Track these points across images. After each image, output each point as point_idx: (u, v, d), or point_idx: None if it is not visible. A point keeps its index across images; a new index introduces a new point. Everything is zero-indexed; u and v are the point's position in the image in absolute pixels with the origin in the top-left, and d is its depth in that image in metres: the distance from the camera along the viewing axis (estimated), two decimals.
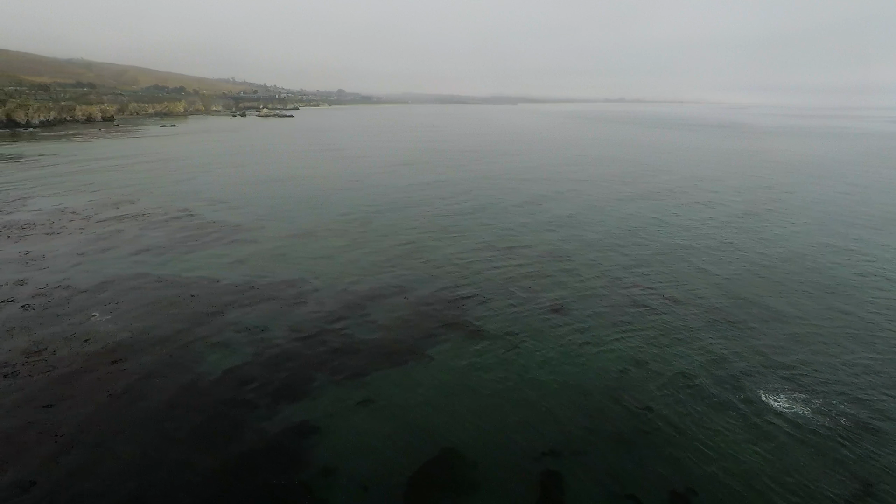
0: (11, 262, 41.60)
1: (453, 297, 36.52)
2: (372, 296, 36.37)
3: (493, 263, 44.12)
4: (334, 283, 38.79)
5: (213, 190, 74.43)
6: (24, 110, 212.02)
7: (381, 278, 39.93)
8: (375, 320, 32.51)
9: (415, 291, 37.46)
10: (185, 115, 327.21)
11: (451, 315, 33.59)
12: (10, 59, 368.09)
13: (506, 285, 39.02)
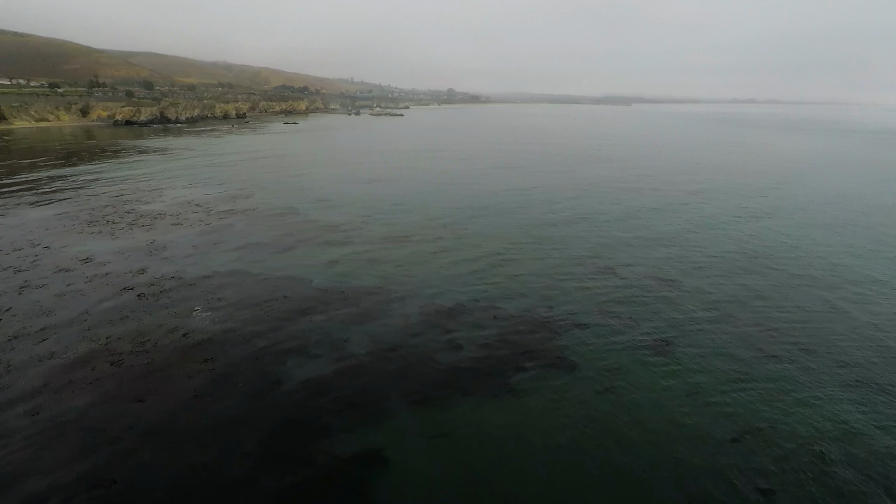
0: (138, 251, 45.95)
1: (542, 319, 33.97)
2: (457, 310, 34.91)
3: (588, 283, 40.72)
4: (421, 292, 37.92)
5: (317, 187, 77.85)
6: (174, 108, 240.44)
7: (469, 291, 38.38)
8: (458, 339, 30.97)
9: (502, 309, 35.43)
10: (307, 113, 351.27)
11: (537, 340, 31.14)
12: (168, 63, 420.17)
13: (601, 310, 35.63)
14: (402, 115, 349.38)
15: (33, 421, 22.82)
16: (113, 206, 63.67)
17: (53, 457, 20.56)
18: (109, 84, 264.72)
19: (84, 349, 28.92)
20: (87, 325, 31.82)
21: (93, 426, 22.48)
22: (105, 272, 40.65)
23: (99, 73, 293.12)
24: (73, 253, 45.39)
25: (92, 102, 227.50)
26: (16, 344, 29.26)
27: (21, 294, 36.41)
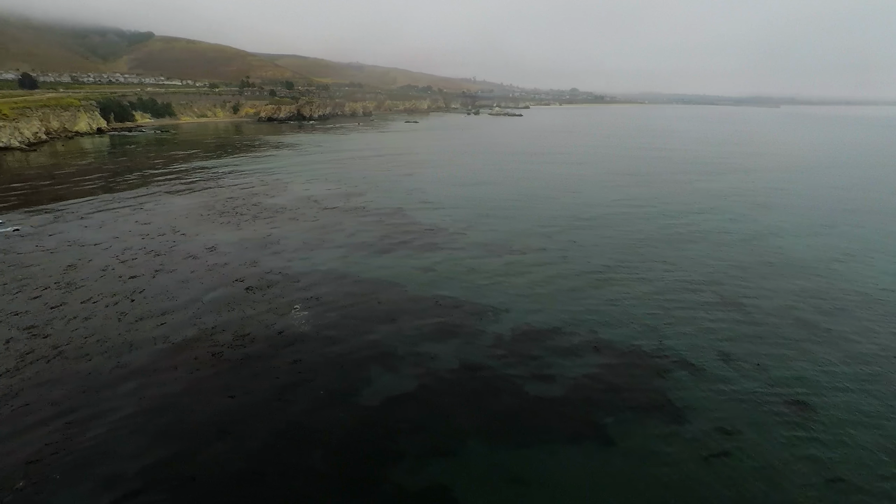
0: (255, 244, 49.10)
1: (646, 354, 30.05)
2: (555, 336, 32.15)
3: (704, 316, 35.53)
4: (515, 308, 35.68)
5: (425, 188, 78.37)
6: (309, 106, 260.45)
7: (571, 313, 35.32)
8: (548, 368, 28.36)
9: (601, 336, 32.03)
10: (428, 111, 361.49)
11: (638, 378, 27.49)
12: (308, 65, 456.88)
13: (718, 351, 30.70)
14: (520, 115, 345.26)
15: (136, 400, 24.60)
16: (243, 198, 69.34)
17: (140, 439, 21.81)
18: (257, 84, 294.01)
19: (192, 335, 30.97)
20: (199, 312, 34.20)
21: (182, 413, 23.62)
22: (224, 262, 43.83)
23: (250, 74, 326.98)
24: (202, 241, 49.74)
25: (242, 101, 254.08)
26: (140, 325, 32.22)
27: (154, 277, 40.40)
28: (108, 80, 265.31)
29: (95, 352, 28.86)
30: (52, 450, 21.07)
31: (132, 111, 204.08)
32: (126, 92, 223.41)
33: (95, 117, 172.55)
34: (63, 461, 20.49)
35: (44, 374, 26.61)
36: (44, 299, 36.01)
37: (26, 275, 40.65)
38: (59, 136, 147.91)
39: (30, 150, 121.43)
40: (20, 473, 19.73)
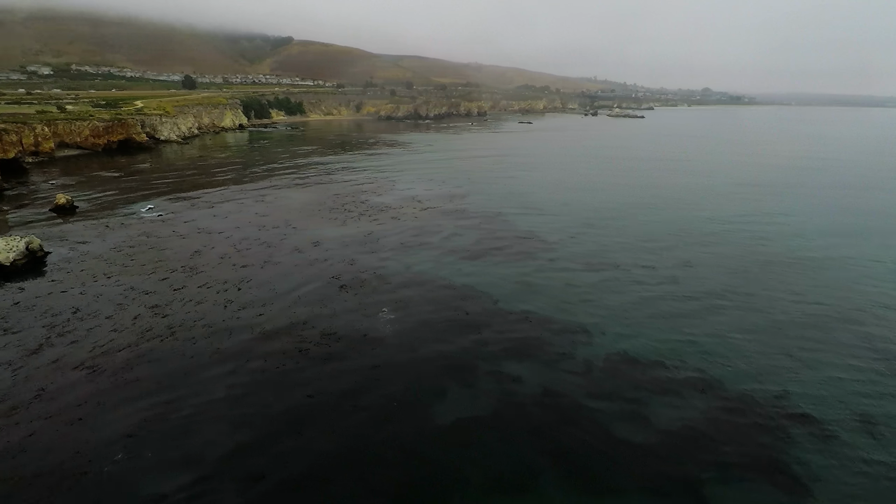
0: (356, 242, 50.62)
1: (767, 405, 25.67)
2: (653, 369, 28.82)
3: (844, 362, 29.68)
4: (614, 334, 32.63)
5: (529, 192, 75.95)
6: (425, 106, 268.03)
7: (674, 344, 31.56)
8: (647, 410, 25.23)
9: (712, 378, 28.03)
10: (543, 112, 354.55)
11: (755, 434, 23.48)
12: (428, 65, 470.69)
13: (862, 410, 25.34)
14: (642, 116, 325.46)
15: (225, 386, 26.01)
16: (352, 195, 72.34)
17: (221, 426, 22.85)
18: (379, 84, 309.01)
19: (284, 328, 32.32)
20: (294, 306, 35.73)
21: (262, 405, 24.45)
22: (324, 258, 45.64)
23: (374, 74, 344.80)
24: (309, 236, 52.42)
25: (364, 100, 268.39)
26: (241, 314, 34.39)
27: (262, 268, 43.17)
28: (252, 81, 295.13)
29: (200, 336, 31.19)
30: (147, 426, 22.85)
31: (269, 109, 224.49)
32: (265, 91, 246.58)
33: (238, 114, 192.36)
34: (154, 438, 22.10)
35: (155, 351, 29.25)
36: (170, 281, 39.96)
37: (161, 257, 45.54)
38: (209, 131, 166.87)
39: (184, 143, 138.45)
40: (120, 446, 21.58)
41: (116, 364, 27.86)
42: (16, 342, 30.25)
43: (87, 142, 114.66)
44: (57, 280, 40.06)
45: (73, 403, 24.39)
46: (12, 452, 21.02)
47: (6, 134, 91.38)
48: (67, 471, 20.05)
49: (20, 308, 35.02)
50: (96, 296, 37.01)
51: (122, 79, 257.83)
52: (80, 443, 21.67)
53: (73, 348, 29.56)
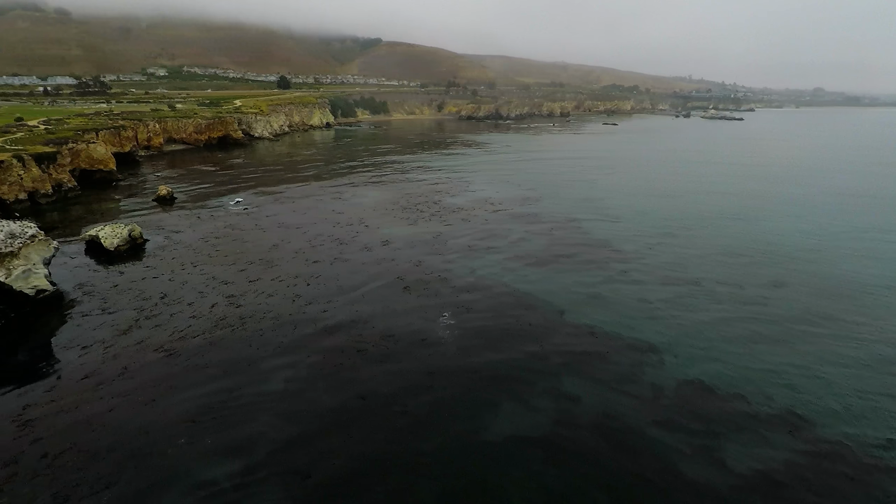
0: (424, 243, 50.78)
1: (871, 464, 22.22)
2: (733, 402, 26.09)
3: None
4: (688, 357, 30.07)
5: (605, 197, 72.53)
6: (507, 106, 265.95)
7: (759, 374, 28.49)
8: (723, 451, 22.51)
9: (804, 419, 24.91)
10: (631, 113, 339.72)
11: (854, 500, 20.51)
12: (513, 64, 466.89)
13: None
14: (741, 118, 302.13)
15: (282, 379, 26.80)
16: (426, 195, 72.88)
17: (273, 418, 23.48)
18: (462, 84, 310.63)
19: (345, 326, 32.89)
20: (357, 304, 36.32)
21: (314, 401, 24.88)
22: (392, 258, 46.16)
23: (458, 74, 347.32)
24: (380, 234, 53.34)
25: (447, 100, 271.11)
26: (307, 309, 35.51)
27: (332, 264, 44.44)
28: (341, 81, 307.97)
29: (267, 328, 32.52)
30: (209, 412, 24.03)
31: (355, 108, 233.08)
32: (352, 91, 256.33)
33: (326, 113, 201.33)
34: (213, 425, 23.17)
35: (225, 340, 30.85)
36: (247, 273, 42.18)
37: (242, 249, 48.26)
38: (298, 129, 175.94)
39: (275, 140, 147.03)
40: (183, 429, 22.84)
41: (190, 349, 29.69)
42: (110, 322, 33.17)
43: (190, 137, 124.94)
44: (151, 266, 43.61)
45: (148, 384, 26.23)
46: (93, 426, 22.92)
47: (123, 130, 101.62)
48: (135, 449, 21.51)
49: (118, 290, 38.44)
50: (182, 283, 39.83)
51: (225, 79, 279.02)
52: (150, 423, 23.20)
53: (157, 331, 31.90)
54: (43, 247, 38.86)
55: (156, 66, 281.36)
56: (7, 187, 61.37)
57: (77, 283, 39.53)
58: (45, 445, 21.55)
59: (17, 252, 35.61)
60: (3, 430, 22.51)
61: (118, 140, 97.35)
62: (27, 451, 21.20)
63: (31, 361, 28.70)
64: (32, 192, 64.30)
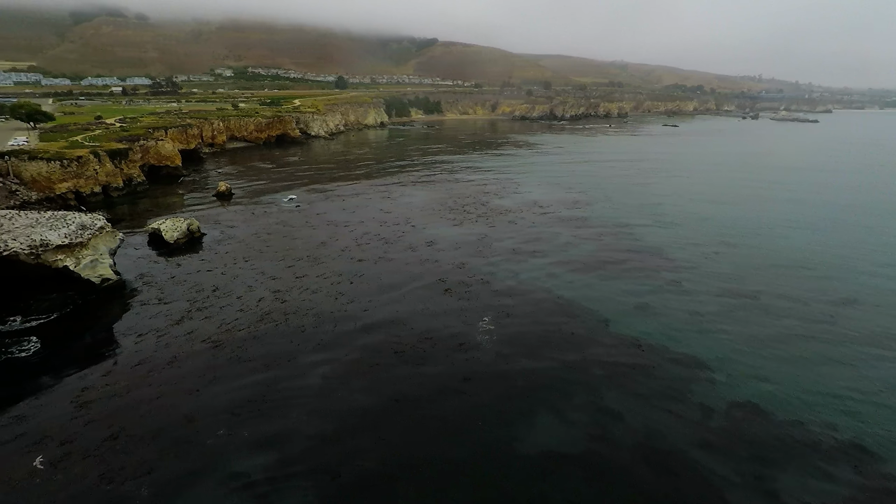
0: (469, 244, 50.35)
1: None
2: (790, 430, 24.13)
3: None
4: (742, 377, 28.19)
5: (659, 202, 69.45)
6: (562, 106, 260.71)
7: (820, 401, 26.27)
8: (777, 486, 20.87)
9: (872, 453, 22.70)
10: (693, 114, 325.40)
11: None
12: (570, 64, 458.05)
13: None
14: (815, 120, 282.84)
15: (319, 376, 27.18)
16: (474, 196, 72.38)
17: (308, 414, 23.76)
18: (517, 84, 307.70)
19: (385, 327, 32.98)
20: (398, 305, 36.37)
21: (348, 399, 25.00)
22: (436, 259, 46.04)
23: (513, 74, 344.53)
24: (425, 235, 53.38)
25: (501, 100, 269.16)
26: (348, 307, 35.90)
27: (376, 263, 44.81)
28: (396, 81, 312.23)
29: (309, 324, 33.15)
30: (249, 405, 24.69)
31: (409, 108, 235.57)
32: (407, 91, 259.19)
33: (381, 113, 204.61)
34: (252, 418, 23.77)
35: (269, 335, 31.68)
36: (294, 269, 43.25)
37: (291, 246, 49.57)
38: (353, 128, 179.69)
39: (330, 138, 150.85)
40: (224, 421, 23.56)
41: (235, 342, 30.69)
42: (165, 313, 34.83)
43: (251, 136, 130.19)
44: (206, 259, 45.55)
45: (194, 374, 27.29)
46: (141, 412, 24.06)
47: (190, 128, 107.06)
48: (178, 437, 22.37)
49: (174, 282, 40.36)
50: (233, 277, 41.33)
51: (286, 79, 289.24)
52: (193, 412, 24.09)
53: (206, 323, 33.21)
54: (110, 238, 41.40)
55: (223, 67, 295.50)
56: (84, 181, 65.95)
57: (139, 273, 41.80)
58: (97, 427, 22.80)
59: (86, 242, 38.08)
60: (63, 410, 24.02)
61: (185, 137, 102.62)
62: (81, 432, 22.51)
63: (92, 346, 30.55)
64: (106, 185, 68.80)
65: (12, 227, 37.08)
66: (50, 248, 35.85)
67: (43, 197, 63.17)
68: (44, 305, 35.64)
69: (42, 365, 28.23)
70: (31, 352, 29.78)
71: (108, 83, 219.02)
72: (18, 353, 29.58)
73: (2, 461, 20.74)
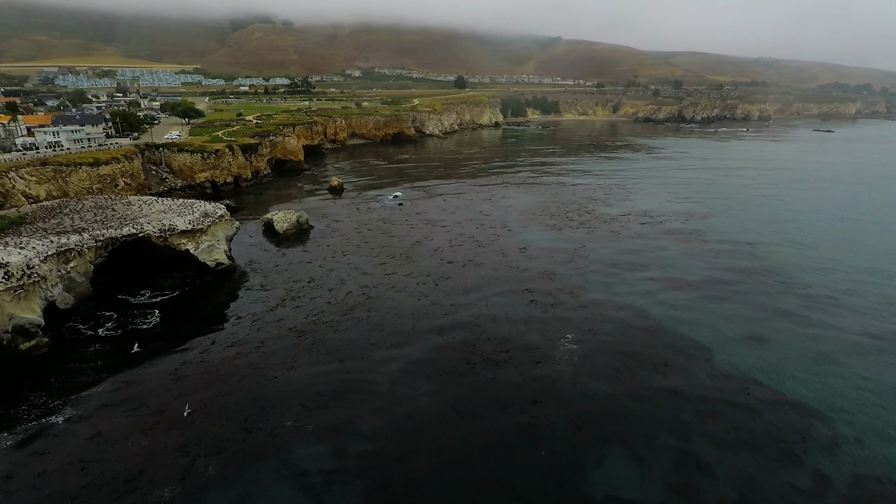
0: (564, 253, 47.88)
1: None
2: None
3: None
4: (872, 443, 23.40)
5: (798, 221, 60.45)
6: (692, 108, 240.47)
7: None
8: None
9: None
10: (855, 117, 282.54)
11: None
12: (706, 61, 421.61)
13: None
14: None
15: (389, 380, 27.19)
16: (579, 202, 68.92)
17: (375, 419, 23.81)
18: (643, 83, 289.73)
19: (462, 333, 32.30)
20: (478, 312, 35.46)
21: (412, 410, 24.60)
22: (525, 267, 44.40)
23: (639, 73, 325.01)
24: (519, 241, 51.77)
25: (623, 100, 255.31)
26: (429, 310, 35.74)
27: (464, 267, 44.32)
28: (515, 81, 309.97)
29: (389, 324, 33.59)
30: (317, 398, 25.49)
31: (525, 108, 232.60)
32: (525, 91, 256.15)
33: (496, 112, 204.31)
34: (318, 411, 24.50)
35: (350, 330, 32.63)
36: (386, 267, 44.28)
37: (387, 243, 50.89)
38: (468, 127, 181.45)
39: (443, 137, 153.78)
40: (293, 412, 24.57)
41: (317, 333, 32.02)
42: (264, 299, 37.47)
43: (369, 133, 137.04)
44: (308, 251, 48.39)
45: (276, 361, 28.88)
46: (223, 392, 25.95)
47: (315, 125, 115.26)
48: (250, 423, 23.72)
49: (277, 270, 43.35)
50: (329, 270, 43.35)
51: (409, 79, 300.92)
52: (267, 400, 25.43)
53: (296, 312, 35.11)
54: (228, 226, 45.57)
55: (353, 67, 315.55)
56: (219, 172, 73.74)
57: (249, 260, 45.51)
58: (185, 401, 24.97)
59: (205, 229, 42.23)
60: (162, 383, 26.72)
61: (310, 134, 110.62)
62: (171, 403, 24.82)
63: (199, 324, 33.71)
64: (237, 176, 76.33)
65: (149, 212, 42.37)
66: (176, 233, 40.31)
67: (186, 185, 71.85)
68: (168, 283, 40.26)
69: (157, 338, 31.70)
70: (152, 324, 33.67)
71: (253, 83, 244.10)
72: (141, 325, 33.57)
73: (104, 421, 23.49)
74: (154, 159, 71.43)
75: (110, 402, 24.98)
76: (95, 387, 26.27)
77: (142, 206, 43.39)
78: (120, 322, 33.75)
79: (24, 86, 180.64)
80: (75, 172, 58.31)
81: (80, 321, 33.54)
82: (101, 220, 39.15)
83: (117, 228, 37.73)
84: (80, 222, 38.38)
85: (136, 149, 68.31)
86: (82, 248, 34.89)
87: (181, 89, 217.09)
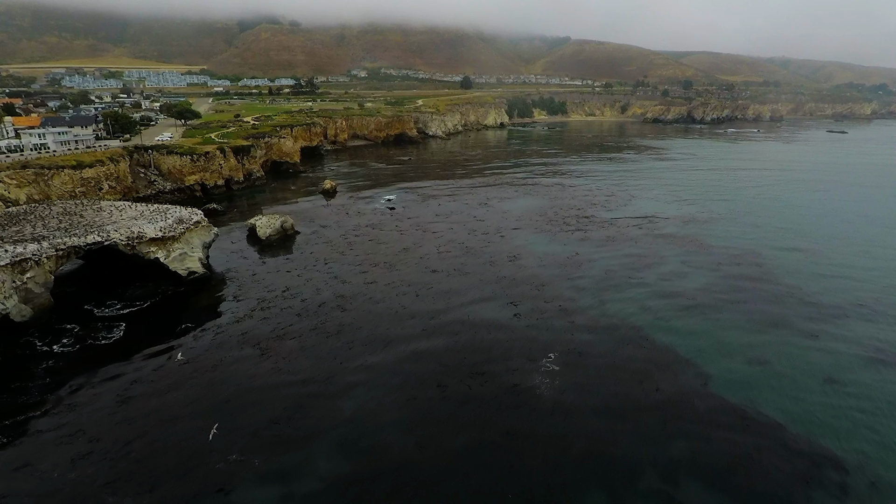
0: (556, 263, 45.41)
1: None
2: None
3: None
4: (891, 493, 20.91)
5: (811, 228, 57.34)
6: (702, 108, 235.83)
7: None
8: None
9: None
10: (870, 118, 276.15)
11: None
12: (718, 61, 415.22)
13: None
14: None
15: (355, 404, 25.05)
16: (578, 207, 66.25)
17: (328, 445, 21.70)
18: (652, 84, 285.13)
19: (438, 351, 30.03)
20: (456, 327, 33.14)
21: (378, 436, 22.51)
22: (514, 276, 41.97)
23: (649, 73, 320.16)
24: (511, 248, 49.38)
25: (632, 101, 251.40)
26: (407, 323, 33.49)
27: (449, 276, 42.03)
28: (523, 81, 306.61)
29: (360, 341, 31.43)
30: (272, 426, 23.44)
31: (532, 108, 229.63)
32: (532, 91, 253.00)
33: (501, 113, 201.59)
34: (270, 442, 22.44)
35: (316, 347, 30.54)
36: (367, 275, 42.16)
37: (373, 250, 48.76)
38: (472, 128, 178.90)
39: (446, 138, 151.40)
40: (242, 444, 22.49)
41: (282, 351, 29.95)
42: (233, 310, 35.54)
43: (371, 134, 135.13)
44: (289, 259, 46.38)
45: (232, 381, 26.80)
46: (173, 414, 23.92)
47: (314, 126, 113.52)
48: (190, 456, 21.67)
49: (254, 279, 41.38)
50: (307, 279, 41.29)
51: (415, 79, 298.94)
52: (219, 425, 23.32)
53: (262, 324, 33.12)
54: (204, 232, 43.67)
55: (360, 68, 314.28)
56: (209, 174, 72.09)
57: (226, 268, 43.60)
58: (125, 430, 23.02)
59: (178, 236, 40.34)
60: (106, 407, 24.87)
61: (308, 135, 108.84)
62: (111, 431, 22.86)
63: (159, 339, 31.77)
64: (229, 179, 74.61)
65: (119, 219, 40.57)
66: (144, 240, 38.47)
67: (175, 187, 70.35)
68: (138, 293, 38.42)
69: (114, 355, 29.83)
70: (113, 339, 31.82)
71: (259, 84, 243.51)
72: (102, 340, 31.73)
73: (33, 452, 21.55)
74: (143, 161, 70.01)
75: (46, 428, 23.09)
76: (34, 410, 24.42)
77: (112, 213, 41.64)
78: (79, 336, 31.94)
79: (32, 87, 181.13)
80: (57, 175, 56.95)
81: (38, 335, 31.75)
82: (64, 228, 37.37)
83: (81, 236, 35.93)
84: (42, 230, 36.60)
85: (123, 151, 66.97)
86: (41, 258, 33.13)
87: (186, 90, 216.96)
